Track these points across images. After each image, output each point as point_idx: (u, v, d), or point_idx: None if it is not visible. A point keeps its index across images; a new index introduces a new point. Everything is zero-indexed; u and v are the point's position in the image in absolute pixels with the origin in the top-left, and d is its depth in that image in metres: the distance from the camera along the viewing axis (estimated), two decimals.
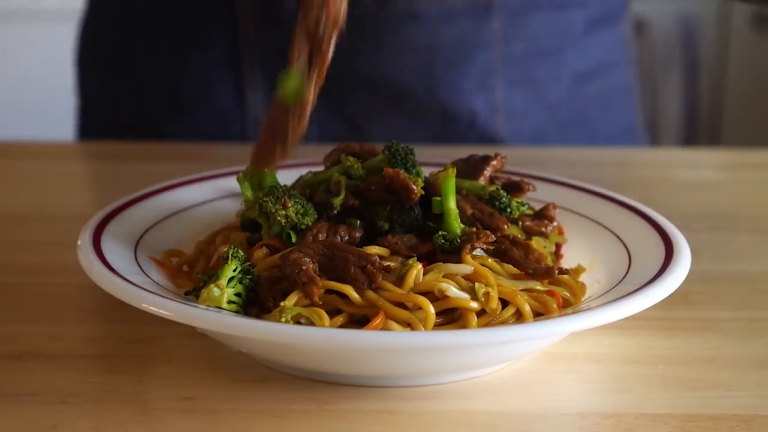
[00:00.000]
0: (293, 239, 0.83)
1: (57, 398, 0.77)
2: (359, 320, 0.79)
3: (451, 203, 0.84)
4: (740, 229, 1.13)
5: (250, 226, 0.87)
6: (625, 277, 0.84)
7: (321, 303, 0.79)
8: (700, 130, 3.02)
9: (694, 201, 1.21)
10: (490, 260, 0.83)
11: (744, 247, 1.08)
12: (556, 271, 0.83)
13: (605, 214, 0.94)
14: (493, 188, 0.88)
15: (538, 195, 0.96)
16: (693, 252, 0.85)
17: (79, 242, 0.84)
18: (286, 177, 0.91)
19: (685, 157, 1.45)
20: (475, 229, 0.84)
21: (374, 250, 0.82)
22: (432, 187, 0.86)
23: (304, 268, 0.79)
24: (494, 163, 0.91)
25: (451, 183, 0.83)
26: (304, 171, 0.92)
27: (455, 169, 0.84)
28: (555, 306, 0.81)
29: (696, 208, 1.19)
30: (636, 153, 1.43)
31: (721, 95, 3.00)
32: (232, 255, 0.80)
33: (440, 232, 0.83)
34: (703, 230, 1.10)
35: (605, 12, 1.41)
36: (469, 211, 0.86)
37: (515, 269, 0.84)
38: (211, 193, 0.93)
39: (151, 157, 1.30)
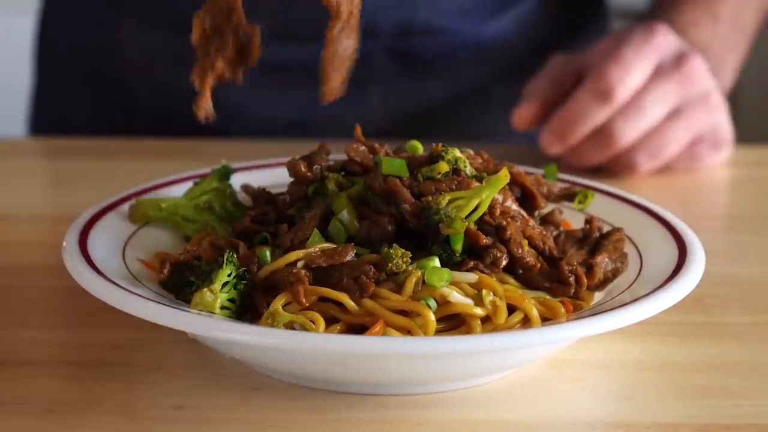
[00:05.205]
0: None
1: (42, 407, 0.76)
2: (357, 330, 0.77)
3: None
4: (756, 230, 1.12)
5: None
6: (636, 279, 0.83)
7: (307, 305, 0.77)
8: None
9: (708, 200, 1.21)
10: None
11: (760, 248, 1.07)
12: (572, 290, 0.82)
13: (616, 214, 0.93)
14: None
15: None
16: (707, 254, 0.84)
17: (64, 244, 0.83)
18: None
19: None
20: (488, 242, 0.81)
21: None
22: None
23: (294, 270, 0.78)
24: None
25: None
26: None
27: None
28: (563, 311, 0.80)
29: (710, 208, 1.18)
30: None
31: (735, 91, 2.98)
32: (227, 260, 0.79)
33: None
34: (718, 231, 1.09)
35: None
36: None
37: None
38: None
39: (139, 155, 1.29)
